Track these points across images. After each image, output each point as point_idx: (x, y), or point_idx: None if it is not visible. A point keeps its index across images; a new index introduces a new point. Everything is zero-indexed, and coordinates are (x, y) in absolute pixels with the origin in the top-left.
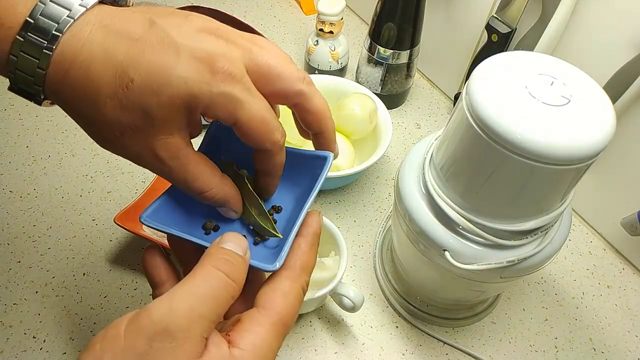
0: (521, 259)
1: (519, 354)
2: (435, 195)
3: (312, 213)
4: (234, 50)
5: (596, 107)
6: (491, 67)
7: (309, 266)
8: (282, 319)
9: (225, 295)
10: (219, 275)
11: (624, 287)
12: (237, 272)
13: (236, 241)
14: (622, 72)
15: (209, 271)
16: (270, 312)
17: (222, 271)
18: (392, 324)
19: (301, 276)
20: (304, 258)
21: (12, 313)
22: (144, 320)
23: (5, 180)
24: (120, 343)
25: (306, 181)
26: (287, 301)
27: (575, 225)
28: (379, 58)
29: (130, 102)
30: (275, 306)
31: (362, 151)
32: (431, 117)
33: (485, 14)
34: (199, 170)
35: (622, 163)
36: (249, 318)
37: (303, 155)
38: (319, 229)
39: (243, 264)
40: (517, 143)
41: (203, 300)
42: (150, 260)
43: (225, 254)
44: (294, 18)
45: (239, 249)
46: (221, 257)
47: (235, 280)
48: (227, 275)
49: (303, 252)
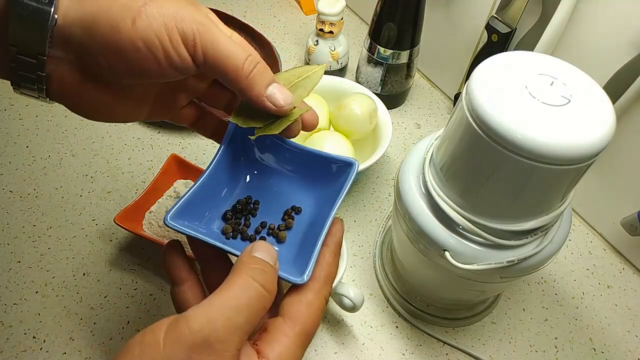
0: (521, 259)
1: (519, 354)
2: (435, 195)
3: (336, 222)
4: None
5: (596, 107)
6: (491, 67)
7: (332, 277)
8: (306, 329)
9: (259, 307)
10: (256, 286)
11: (624, 287)
12: (270, 282)
13: (267, 250)
14: (622, 72)
15: (245, 281)
16: (295, 323)
17: (258, 282)
18: (392, 324)
19: (324, 288)
20: (328, 269)
21: (12, 313)
22: (183, 330)
23: (5, 180)
24: (159, 351)
25: (328, 185)
26: (310, 312)
27: (575, 225)
28: (379, 58)
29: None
30: (299, 317)
31: (362, 151)
32: (431, 117)
33: (485, 14)
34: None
35: (622, 163)
36: (275, 328)
37: (326, 159)
38: (342, 238)
39: (274, 274)
40: (517, 143)
41: (240, 312)
42: (171, 258)
43: (259, 264)
44: (294, 18)
45: (270, 259)
46: (256, 267)
47: (269, 291)
48: (262, 286)
49: (327, 264)
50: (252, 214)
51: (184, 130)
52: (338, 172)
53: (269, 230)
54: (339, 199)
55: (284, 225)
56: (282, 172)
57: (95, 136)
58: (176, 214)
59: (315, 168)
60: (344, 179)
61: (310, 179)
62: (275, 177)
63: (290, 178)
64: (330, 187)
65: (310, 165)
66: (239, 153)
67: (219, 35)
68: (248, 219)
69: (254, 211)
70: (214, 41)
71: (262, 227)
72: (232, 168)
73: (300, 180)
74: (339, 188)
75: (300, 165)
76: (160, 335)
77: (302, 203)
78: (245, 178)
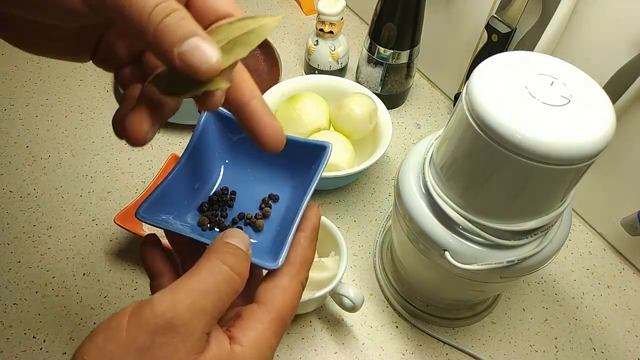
0: (521, 259)
1: (519, 354)
2: (435, 195)
3: (311, 207)
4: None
5: (596, 107)
6: (491, 67)
7: (308, 261)
8: (280, 315)
9: (228, 290)
10: (225, 269)
11: (624, 287)
12: (241, 266)
13: (240, 237)
14: (622, 72)
15: (214, 264)
16: (270, 309)
17: (227, 264)
18: (392, 324)
19: (300, 272)
20: (304, 254)
21: (12, 313)
22: (146, 313)
23: (5, 180)
24: (123, 335)
25: (304, 171)
26: (285, 297)
27: (575, 225)
28: (379, 58)
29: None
30: (274, 302)
31: (362, 151)
32: (431, 117)
33: (485, 14)
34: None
35: (622, 163)
36: (249, 314)
37: (301, 144)
38: (318, 223)
39: (246, 260)
40: (517, 143)
41: (206, 295)
42: (148, 252)
43: (230, 248)
44: (294, 18)
45: (242, 245)
46: (227, 250)
47: (239, 275)
48: (231, 268)
49: (302, 248)
50: (228, 205)
51: (184, 130)
52: (312, 157)
53: (246, 220)
54: (313, 183)
55: (261, 214)
56: (257, 161)
57: (95, 136)
58: (148, 207)
59: (290, 154)
60: (318, 163)
61: (286, 166)
62: (251, 166)
63: (265, 166)
64: (305, 173)
65: (285, 152)
66: (211, 144)
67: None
68: (225, 210)
69: (231, 202)
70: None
71: (239, 219)
72: (206, 158)
73: (276, 168)
74: (313, 173)
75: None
76: (124, 320)
77: (279, 191)
78: (220, 168)
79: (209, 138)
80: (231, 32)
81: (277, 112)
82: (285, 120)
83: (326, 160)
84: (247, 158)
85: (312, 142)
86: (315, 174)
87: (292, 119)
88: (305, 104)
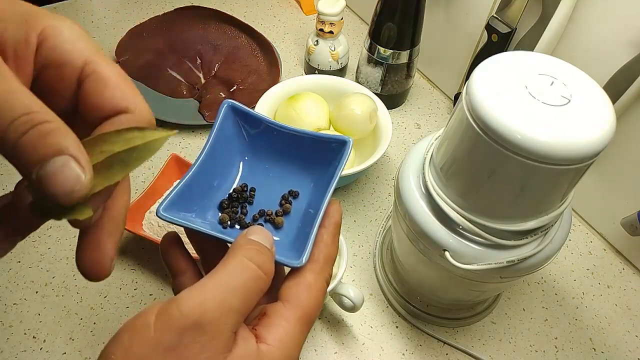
0: (521, 259)
1: (519, 354)
2: (435, 195)
3: (333, 202)
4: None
5: (596, 107)
6: (491, 67)
7: (332, 258)
8: (307, 313)
9: (256, 288)
10: (252, 267)
11: (624, 287)
12: (267, 264)
13: (263, 234)
14: (622, 72)
15: (241, 262)
16: (296, 307)
17: (254, 262)
18: (392, 324)
19: (324, 269)
20: (327, 250)
21: (12, 313)
22: (174, 312)
23: (5, 180)
24: (150, 335)
25: (323, 166)
26: (311, 295)
27: (575, 225)
28: (379, 58)
29: None
30: (300, 300)
31: (362, 151)
32: (431, 117)
33: (485, 14)
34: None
35: (622, 163)
36: (275, 312)
37: (320, 139)
38: (340, 220)
39: (271, 257)
40: (517, 143)
41: (234, 293)
42: (169, 249)
43: (256, 246)
44: (294, 18)
45: (266, 242)
46: (252, 247)
47: (266, 273)
48: (259, 267)
49: (326, 245)
50: (248, 202)
51: (184, 130)
52: (333, 152)
53: (267, 216)
54: (335, 179)
55: (281, 210)
56: (276, 157)
57: None
58: (169, 205)
59: (309, 150)
60: (339, 158)
61: (305, 162)
62: (270, 163)
63: (284, 162)
64: (325, 168)
65: (304, 147)
66: (230, 140)
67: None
68: (245, 207)
69: (251, 199)
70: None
71: (259, 215)
72: (225, 156)
73: (295, 164)
74: (334, 168)
75: (294, 148)
76: (151, 319)
77: (299, 187)
78: (238, 165)
79: (227, 134)
80: (113, 145)
81: (277, 112)
82: (285, 120)
83: (347, 155)
84: (266, 153)
85: (332, 137)
86: (336, 170)
87: (292, 119)
88: (305, 103)
